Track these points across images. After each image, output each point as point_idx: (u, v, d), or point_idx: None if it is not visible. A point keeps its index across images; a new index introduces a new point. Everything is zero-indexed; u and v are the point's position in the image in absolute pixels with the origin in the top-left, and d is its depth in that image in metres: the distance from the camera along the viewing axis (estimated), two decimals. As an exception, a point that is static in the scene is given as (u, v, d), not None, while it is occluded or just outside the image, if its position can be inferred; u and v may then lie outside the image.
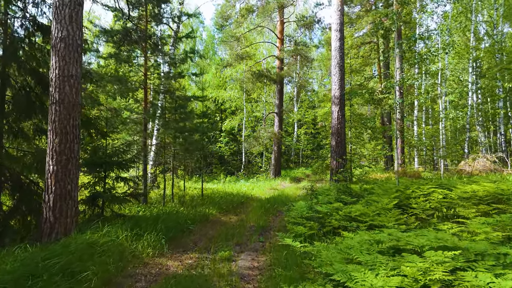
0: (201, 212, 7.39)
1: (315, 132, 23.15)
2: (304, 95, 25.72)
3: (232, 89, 19.84)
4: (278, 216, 7.65)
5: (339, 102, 8.99)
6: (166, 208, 7.60)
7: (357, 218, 4.85)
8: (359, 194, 6.48)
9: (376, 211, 5.08)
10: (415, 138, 13.44)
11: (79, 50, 4.90)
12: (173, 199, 8.53)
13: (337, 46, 9.05)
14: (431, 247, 2.95)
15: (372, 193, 6.83)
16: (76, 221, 4.91)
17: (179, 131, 8.26)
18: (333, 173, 8.89)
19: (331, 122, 9.18)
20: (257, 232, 6.22)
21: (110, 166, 6.02)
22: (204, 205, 8.21)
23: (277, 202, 9.12)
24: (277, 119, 16.67)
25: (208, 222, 6.95)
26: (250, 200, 10.01)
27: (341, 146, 8.93)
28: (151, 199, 9.13)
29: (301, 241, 4.47)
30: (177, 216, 6.58)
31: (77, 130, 4.89)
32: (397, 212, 5.18)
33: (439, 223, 4.74)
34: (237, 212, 8.18)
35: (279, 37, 16.78)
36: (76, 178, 4.92)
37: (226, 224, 6.86)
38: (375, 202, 5.87)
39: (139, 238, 4.75)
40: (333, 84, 9.15)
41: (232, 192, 10.98)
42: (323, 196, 6.80)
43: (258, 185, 13.42)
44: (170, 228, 5.72)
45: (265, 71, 15.94)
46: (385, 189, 7.04)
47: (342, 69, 9.03)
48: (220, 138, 20.06)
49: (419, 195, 6.33)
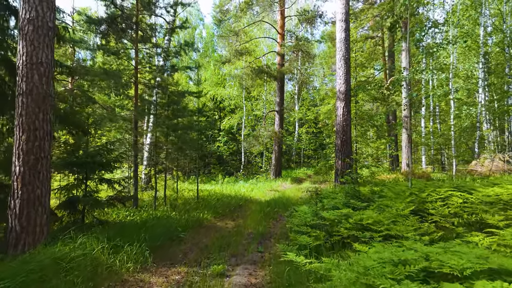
0: (195, 217, 6.77)
1: (317, 131, 22.49)
2: (306, 93, 25.06)
3: (231, 86, 19.20)
4: (279, 221, 7.02)
5: (344, 98, 8.35)
6: (157, 212, 6.99)
7: (370, 226, 4.22)
8: (368, 198, 5.85)
9: (391, 218, 4.45)
10: (422, 137, 12.79)
11: (50, 34, 4.27)
12: (166, 203, 7.90)
13: (342, 37, 8.41)
14: (474, 270, 2.33)
15: (383, 196, 6.20)
16: (47, 230, 4.29)
17: (172, 129, 7.64)
18: (338, 174, 8.26)
19: (336, 119, 8.54)
20: (256, 240, 5.59)
21: (92, 167, 5.39)
22: (198, 208, 7.58)
23: (277, 205, 8.49)
24: (277, 118, 16.04)
25: (202, 228, 6.32)
26: (249, 203, 9.38)
27: (347, 145, 8.30)
28: (143, 202, 8.52)
29: (306, 255, 3.85)
30: (168, 222, 5.96)
31: (48, 126, 4.26)
32: (415, 219, 4.56)
33: (465, 232, 4.12)
34: (234, 217, 7.55)
35: (279, 32, 16.14)
36: (47, 181, 4.29)
37: (221, 231, 6.23)
38: (388, 207, 5.24)
39: (119, 249, 4.13)
40: (338, 78, 8.50)
41: (230, 194, 10.36)
42: (328, 200, 6.16)
43: (257, 186, 12.79)
44: (157, 236, 5.10)
45: (265, 67, 15.30)
46: (397, 192, 6.42)
47: (348, 62, 8.40)
48: (219, 137, 19.42)
49: (436, 199, 5.71)
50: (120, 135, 8.97)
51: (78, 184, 5.31)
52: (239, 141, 19.21)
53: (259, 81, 16.32)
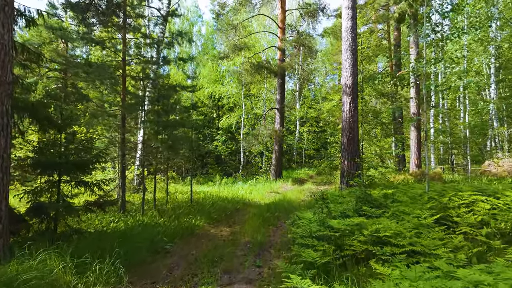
0: (186, 224, 6.08)
1: (318, 130, 21.76)
2: (307, 91, 24.32)
3: (229, 84, 18.48)
4: (279, 228, 6.33)
5: (351, 92, 7.65)
6: (145, 218, 6.31)
7: (388, 239, 3.52)
8: (380, 203, 5.15)
9: (412, 229, 3.76)
10: (431, 135, 12.07)
11: (7, 9, 3.58)
12: (155, 207, 7.22)
13: (348, 26, 7.71)
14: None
15: (396, 200, 5.51)
16: (4, 242, 3.61)
17: (162, 126, 6.95)
18: (344, 175, 7.56)
19: (342, 116, 7.85)
20: (253, 251, 4.90)
21: (66, 168, 4.70)
22: (191, 213, 6.89)
23: (278, 209, 7.80)
24: (278, 116, 15.34)
25: (193, 237, 5.62)
26: (247, 206, 8.69)
27: (354, 143, 7.60)
28: (133, 206, 7.84)
29: (313, 277, 3.17)
30: (153, 230, 5.27)
31: (5, 119, 3.57)
32: (440, 230, 3.88)
33: (505, 246, 3.44)
34: (230, 223, 6.86)
35: (280, 26, 15.44)
36: (5, 184, 3.60)
37: (215, 239, 5.54)
38: (405, 214, 4.56)
39: (88, 268, 3.44)
40: (344, 71, 7.80)
41: (227, 196, 9.66)
42: (335, 205, 5.47)
43: (257, 187, 12.10)
44: (138, 249, 4.41)
45: (265, 62, 14.60)
46: (412, 195, 5.73)
47: (355, 52, 7.70)
48: (217, 137, 18.72)
49: (459, 205, 5.03)
50: (107, 132, 8.28)
51: (49, 188, 4.61)
52: (238, 140, 18.51)
53: (259, 77, 15.61)
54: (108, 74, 6.86)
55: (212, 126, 19.76)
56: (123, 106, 7.20)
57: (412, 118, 8.78)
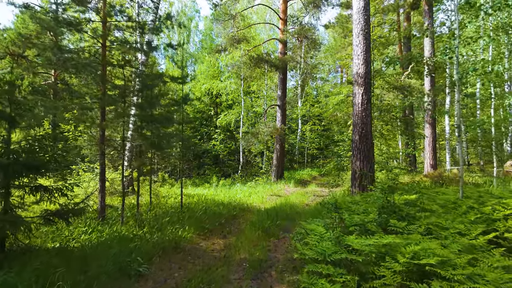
0: (171, 235, 5.13)
1: (322, 128, 20.74)
2: (309, 88, 23.30)
3: (228, 78, 17.48)
4: (282, 240, 5.37)
5: (363, 82, 6.68)
6: (124, 228, 5.36)
7: (433, 269, 2.56)
8: (407, 213, 4.19)
9: (462, 253, 2.81)
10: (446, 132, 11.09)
11: None
12: (138, 214, 6.27)
13: (360, 6, 6.75)
14: None
15: (424, 209, 4.55)
16: None
17: (146, 121, 6.01)
18: (356, 177, 6.59)
19: (353, 110, 6.87)
20: (250, 273, 3.96)
21: (16, 170, 3.76)
22: (179, 222, 5.94)
23: (280, 216, 6.85)
24: (279, 113, 14.37)
25: (177, 253, 4.67)
26: (245, 212, 7.74)
27: (367, 140, 6.63)
28: (116, 212, 6.90)
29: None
30: (129, 245, 4.32)
31: None
32: (499, 254, 2.93)
33: None
34: (225, 233, 5.90)
35: (281, 18, 14.47)
36: None
37: (205, 256, 4.59)
38: (442, 228, 3.61)
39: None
40: (355, 58, 6.84)
41: (223, 200, 8.71)
42: (349, 214, 4.50)
43: (256, 190, 11.14)
44: (104, 273, 3.46)
45: (265, 55, 13.62)
46: (443, 203, 4.78)
47: (368, 37, 6.74)
48: (215, 135, 17.76)
49: (505, 216, 4.06)
50: (88, 129, 7.34)
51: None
52: (237, 139, 17.55)
53: (259, 70, 14.62)
54: (82, 60, 5.93)
55: (210, 124, 18.80)
56: (102, 98, 6.26)
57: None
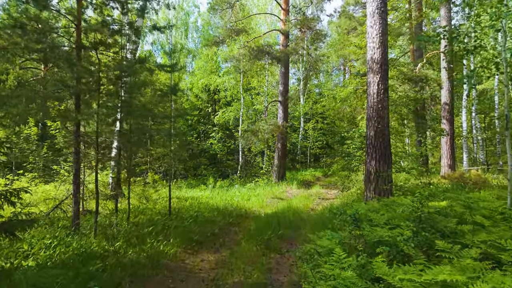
0: (150, 251, 4.20)
1: (325, 127, 19.75)
2: (312, 86, 22.32)
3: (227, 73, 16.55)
4: (285, 257, 4.43)
5: (379, 69, 5.75)
6: (95, 241, 4.43)
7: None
8: (445, 226, 3.26)
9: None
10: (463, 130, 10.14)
11: None
12: (114, 222, 5.35)
13: (376, -19, 5.83)
14: None
15: (463, 221, 3.62)
16: None
17: (124, 112, 5.09)
18: (371, 179, 5.64)
19: (367, 101, 5.94)
20: (245, 306, 3.02)
21: None
22: (163, 232, 5.02)
23: (282, 224, 5.92)
24: (281, 109, 13.44)
25: (155, 275, 3.73)
26: (243, 219, 6.81)
27: (384, 136, 5.69)
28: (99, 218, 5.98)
29: None
30: (89, 268, 3.40)
31: None
32: None
33: None
34: (217, 246, 4.98)
35: (283, 8, 13.55)
36: None
37: (189, 279, 3.66)
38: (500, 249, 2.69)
39: None
40: (369, 42, 5.90)
41: (218, 205, 7.78)
42: (370, 229, 3.56)
43: (256, 192, 10.21)
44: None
45: (266, 47, 12.69)
46: (487, 213, 3.84)
47: (384, 16, 5.80)
48: (212, 134, 16.84)
49: None
50: (62, 123, 6.43)
51: None
52: (236, 138, 16.61)
53: (259, 63, 13.70)
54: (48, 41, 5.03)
55: (208, 122, 17.88)
56: (79, 85, 5.35)
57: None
